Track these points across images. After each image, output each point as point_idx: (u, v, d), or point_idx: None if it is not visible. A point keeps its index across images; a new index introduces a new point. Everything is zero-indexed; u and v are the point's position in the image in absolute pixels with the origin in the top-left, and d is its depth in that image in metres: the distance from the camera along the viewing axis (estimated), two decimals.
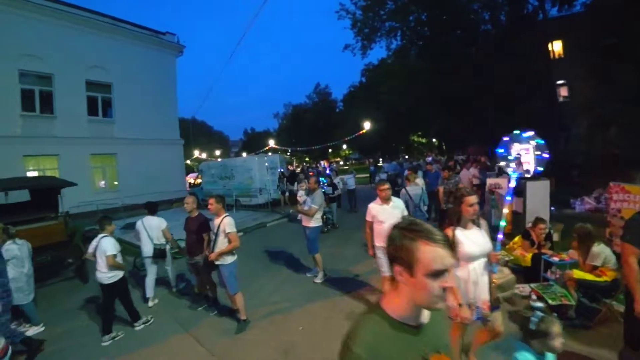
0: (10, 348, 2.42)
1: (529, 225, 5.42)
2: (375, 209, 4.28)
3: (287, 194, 13.65)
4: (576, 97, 16.85)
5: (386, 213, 4.16)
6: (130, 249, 8.77)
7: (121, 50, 15.69)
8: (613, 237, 5.49)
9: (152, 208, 5.78)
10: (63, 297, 6.11)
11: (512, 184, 3.74)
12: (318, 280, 5.72)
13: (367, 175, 21.61)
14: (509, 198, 3.67)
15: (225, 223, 4.23)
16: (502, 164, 7.72)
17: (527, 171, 7.22)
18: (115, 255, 4.31)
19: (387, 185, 4.29)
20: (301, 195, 6.70)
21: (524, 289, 4.39)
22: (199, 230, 4.66)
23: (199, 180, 21.49)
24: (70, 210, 9.64)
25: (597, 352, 3.26)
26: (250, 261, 7.05)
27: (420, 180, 7.87)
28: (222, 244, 4.27)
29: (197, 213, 4.81)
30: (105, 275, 4.32)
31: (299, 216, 6.19)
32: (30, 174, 12.83)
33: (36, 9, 13.09)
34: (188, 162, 35.56)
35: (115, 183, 15.87)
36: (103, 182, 15.77)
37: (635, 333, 2.61)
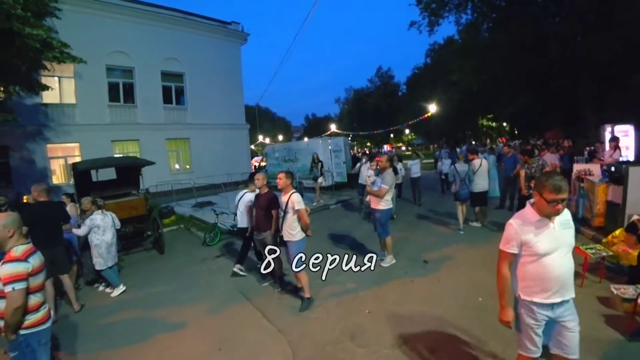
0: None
1: (635, 217, 4.51)
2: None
3: (321, 181, 11.88)
4: None
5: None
6: (200, 224, 9.41)
7: (191, 41, 16.69)
8: None
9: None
10: (144, 265, 6.71)
11: None
12: (385, 264, 5.45)
13: (432, 160, 20.47)
14: None
15: (294, 200, 4.18)
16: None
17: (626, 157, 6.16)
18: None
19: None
20: (370, 175, 6.38)
21: (627, 290, 3.65)
22: (269, 207, 4.68)
23: (263, 163, 22.26)
24: (150, 190, 10.60)
25: None
26: (315, 242, 7.03)
27: (485, 162, 7.21)
28: (291, 220, 4.24)
29: (267, 189, 4.84)
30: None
31: (367, 198, 5.83)
32: (117, 156, 14.39)
33: (119, 9, 14.56)
34: (252, 147, 37.18)
35: (188, 167, 17.11)
36: (177, 165, 17.11)
37: None
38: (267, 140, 44.69)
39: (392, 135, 49.62)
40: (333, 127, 42.34)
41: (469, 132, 37.47)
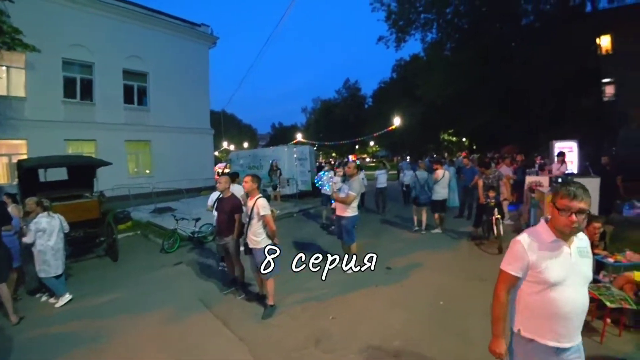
0: None
1: None
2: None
3: (278, 189, 11.94)
4: (626, 95, 15.61)
5: None
6: (159, 231, 8.95)
7: (158, 40, 16.08)
8: None
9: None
10: (95, 273, 6.21)
11: None
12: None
13: (396, 172, 21.06)
14: None
15: (260, 205, 4.05)
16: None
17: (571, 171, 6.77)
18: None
19: None
20: (336, 182, 6.38)
21: None
22: (232, 211, 4.54)
23: (227, 170, 21.72)
24: (107, 193, 9.96)
25: None
26: (283, 248, 6.92)
27: (447, 173, 7.86)
28: (256, 226, 4.11)
29: (230, 193, 4.70)
30: None
31: (333, 205, 5.82)
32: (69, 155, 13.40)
33: (81, 0, 13.63)
34: (216, 153, 36.23)
35: (148, 171, 16.30)
36: (137, 168, 16.26)
37: None
38: (232, 147, 43.77)
39: (357, 147, 50.59)
40: (299, 136, 42.37)
41: (431, 145, 39.07)
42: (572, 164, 9.89)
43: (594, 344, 3.27)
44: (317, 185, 10.22)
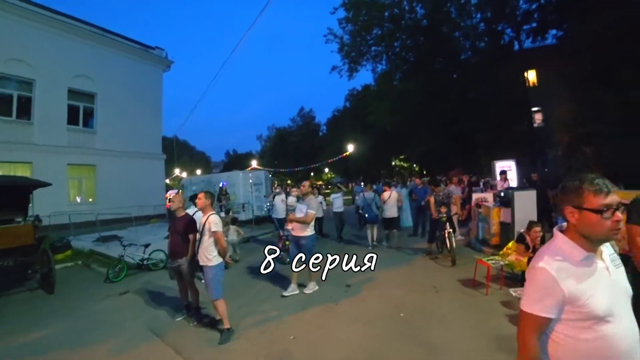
0: None
1: (522, 230, 5.36)
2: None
3: (232, 214, 11.13)
4: (551, 122, 17.66)
5: None
6: (103, 260, 8.26)
7: (109, 61, 15.46)
8: None
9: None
10: (27, 306, 5.51)
11: None
12: (309, 290, 5.33)
13: (350, 197, 21.54)
14: None
15: (211, 221, 3.94)
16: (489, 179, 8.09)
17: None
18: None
19: None
20: (291, 202, 6.39)
21: (522, 291, 4.25)
22: (186, 230, 4.32)
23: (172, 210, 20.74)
24: (43, 221, 9.06)
25: None
26: (236, 273, 6.69)
27: (394, 194, 8.61)
28: (207, 243, 3.97)
29: (184, 212, 4.51)
30: None
31: (289, 226, 5.70)
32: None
33: (25, 13, 12.90)
34: (167, 181, 34.68)
35: (91, 198, 15.13)
36: (79, 195, 15.03)
37: None
38: (185, 175, 42.22)
39: (312, 174, 51.28)
40: (254, 163, 42.10)
41: (383, 171, 40.67)
42: (512, 181, 10.87)
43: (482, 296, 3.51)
44: (267, 210, 10.17)
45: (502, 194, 7.04)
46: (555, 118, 15.36)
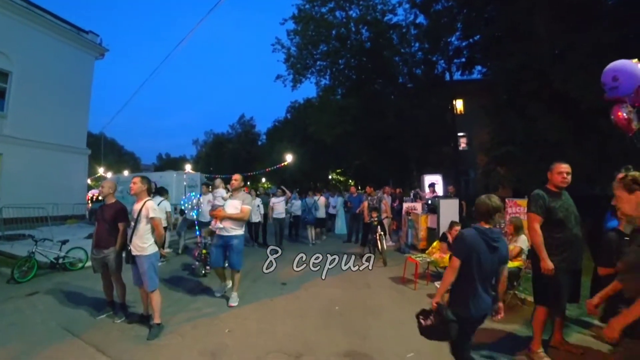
0: None
1: (445, 230, 6.04)
2: None
3: None
4: (473, 146, 19.94)
5: None
6: (6, 260, 7.22)
7: (31, 38, 13.65)
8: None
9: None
10: None
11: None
12: (234, 302, 4.64)
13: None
14: None
15: (149, 207, 3.79)
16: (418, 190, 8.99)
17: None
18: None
19: None
20: (218, 198, 5.50)
21: None
22: (115, 218, 4.04)
23: (101, 197, 18.94)
24: None
25: (512, 326, 3.84)
26: (167, 271, 6.33)
27: (323, 199, 10.80)
28: (143, 231, 3.78)
29: (114, 200, 4.22)
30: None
31: (216, 223, 4.88)
32: None
33: None
34: (89, 181, 31.41)
35: None
36: None
37: (545, 292, 3.01)
38: (110, 175, 38.66)
39: (249, 183, 50.60)
40: (188, 168, 40.27)
41: (319, 183, 41.78)
42: (439, 194, 12.04)
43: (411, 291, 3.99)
44: (181, 207, 9.61)
45: (429, 202, 7.80)
46: (477, 142, 17.39)
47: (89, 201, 18.94)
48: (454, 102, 20.71)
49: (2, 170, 13.13)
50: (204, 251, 6.25)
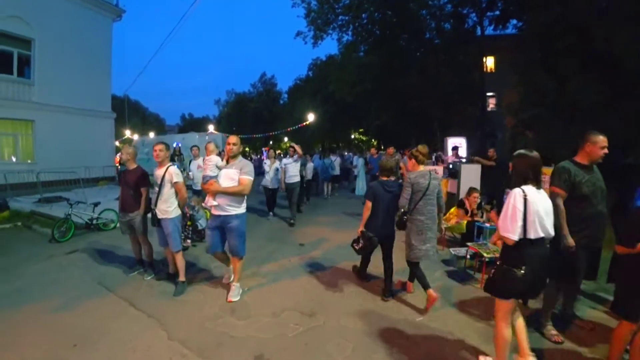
0: None
1: (463, 197, 5.93)
2: None
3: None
4: (503, 106, 18.86)
5: None
6: (46, 221, 7.79)
7: (49, 3, 13.68)
8: None
9: None
10: None
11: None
12: (233, 298, 3.82)
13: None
14: None
15: (172, 172, 3.93)
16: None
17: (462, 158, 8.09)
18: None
19: None
20: (211, 167, 3.89)
21: (460, 250, 4.78)
22: (137, 184, 4.22)
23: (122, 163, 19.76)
24: None
25: None
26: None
27: (338, 159, 13.18)
28: (167, 195, 3.94)
29: (135, 165, 4.37)
30: None
31: (208, 202, 3.81)
32: None
33: None
34: (117, 143, 32.47)
35: (29, 158, 13.83)
36: (15, 154, 13.69)
37: (561, 267, 2.92)
38: (136, 137, 39.70)
39: (270, 142, 50.80)
40: (211, 128, 40.57)
41: (341, 143, 41.25)
42: (462, 155, 11.70)
43: (476, 290, 4.08)
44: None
45: (450, 166, 7.59)
46: (506, 103, 16.44)
47: (118, 164, 19.78)
48: (483, 60, 19.34)
49: (36, 137, 13.81)
50: (188, 223, 5.78)
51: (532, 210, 2.20)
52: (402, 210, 3.50)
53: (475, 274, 4.53)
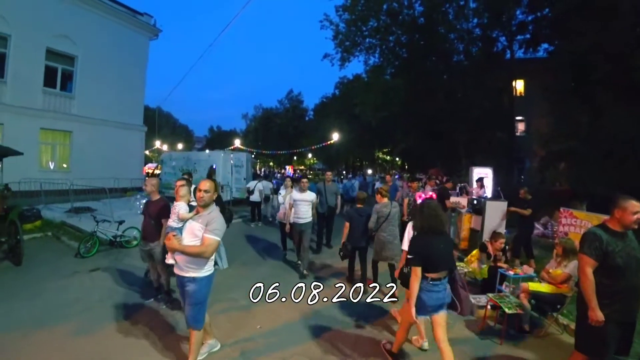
0: None
1: (485, 240, 5.66)
2: None
3: None
4: (532, 133, 18.23)
5: None
6: (74, 233, 8.11)
7: (93, 23, 14.72)
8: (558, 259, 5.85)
9: None
10: None
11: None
12: (203, 354, 3.37)
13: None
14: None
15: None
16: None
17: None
18: None
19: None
20: (177, 214, 4.08)
21: (481, 299, 4.53)
22: (159, 215, 4.33)
23: (157, 171, 20.57)
24: (12, 187, 8.77)
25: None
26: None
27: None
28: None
29: (158, 196, 4.50)
30: None
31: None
32: None
33: None
34: (147, 152, 33.89)
35: (65, 165, 14.64)
36: (52, 162, 14.51)
37: (588, 340, 2.71)
38: (165, 147, 41.09)
39: (295, 158, 51.16)
40: (237, 142, 41.68)
41: (365, 162, 41.00)
42: (487, 188, 11.26)
43: (495, 345, 3.86)
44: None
45: (475, 202, 7.33)
46: (536, 128, 15.89)
47: (146, 175, 20.56)
48: (513, 83, 18.90)
49: (73, 147, 14.61)
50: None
51: None
52: (371, 229, 5.12)
53: (495, 325, 4.28)
